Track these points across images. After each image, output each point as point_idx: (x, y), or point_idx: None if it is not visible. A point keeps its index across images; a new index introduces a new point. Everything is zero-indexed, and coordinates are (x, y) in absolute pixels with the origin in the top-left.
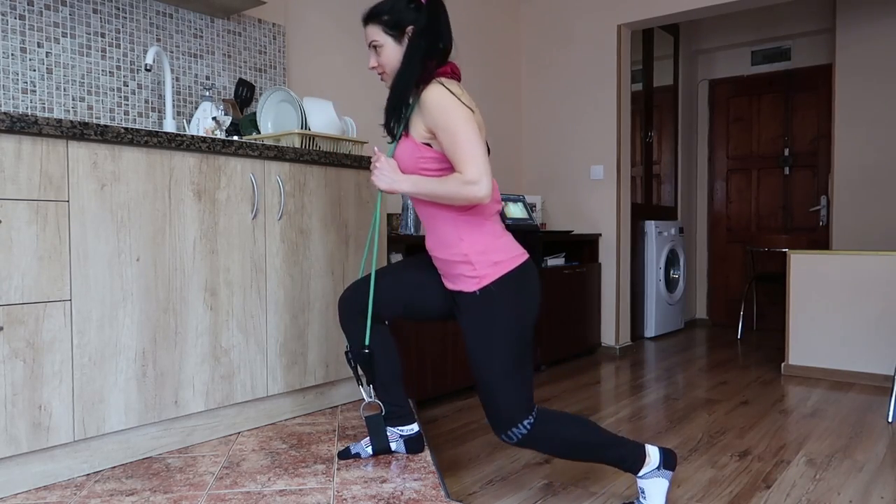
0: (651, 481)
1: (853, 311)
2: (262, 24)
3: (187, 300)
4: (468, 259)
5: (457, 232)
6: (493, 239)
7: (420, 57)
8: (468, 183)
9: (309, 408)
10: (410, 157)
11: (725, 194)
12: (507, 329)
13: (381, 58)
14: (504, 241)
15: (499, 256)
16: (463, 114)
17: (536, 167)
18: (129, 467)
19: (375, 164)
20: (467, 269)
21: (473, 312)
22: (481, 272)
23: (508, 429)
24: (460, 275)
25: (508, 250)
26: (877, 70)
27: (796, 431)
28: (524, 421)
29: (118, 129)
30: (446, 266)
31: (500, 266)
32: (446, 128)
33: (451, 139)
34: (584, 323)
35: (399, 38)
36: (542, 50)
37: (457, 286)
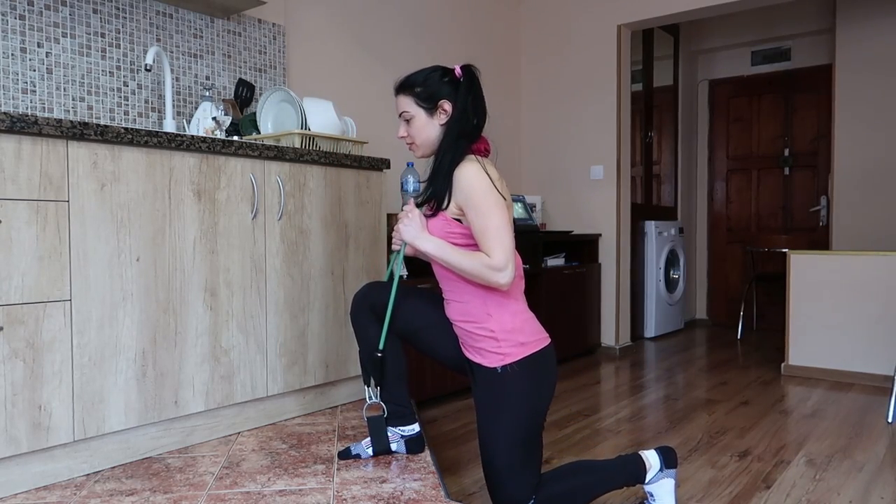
0: (657, 485)
1: (853, 311)
2: (262, 24)
3: (187, 300)
4: (495, 336)
5: (485, 308)
6: (521, 320)
7: (460, 136)
8: (493, 269)
9: (309, 408)
10: (440, 230)
11: (725, 194)
12: (522, 410)
13: (411, 129)
14: (531, 322)
15: (525, 338)
16: (495, 198)
17: (536, 167)
18: (129, 467)
19: (407, 215)
20: (492, 344)
21: (491, 388)
22: (506, 350)
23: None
24: (483, 349)
25: (534, 332)
26: (877, 70)
27: (796, 431)
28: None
29: (118, 129)
30: (469, 338)
31: (526, 347)
32: (478, 209)
33: (482, 222)
34: (584, 323)
35: (431, 112)
36: (542, 50)
37: (476, 358)
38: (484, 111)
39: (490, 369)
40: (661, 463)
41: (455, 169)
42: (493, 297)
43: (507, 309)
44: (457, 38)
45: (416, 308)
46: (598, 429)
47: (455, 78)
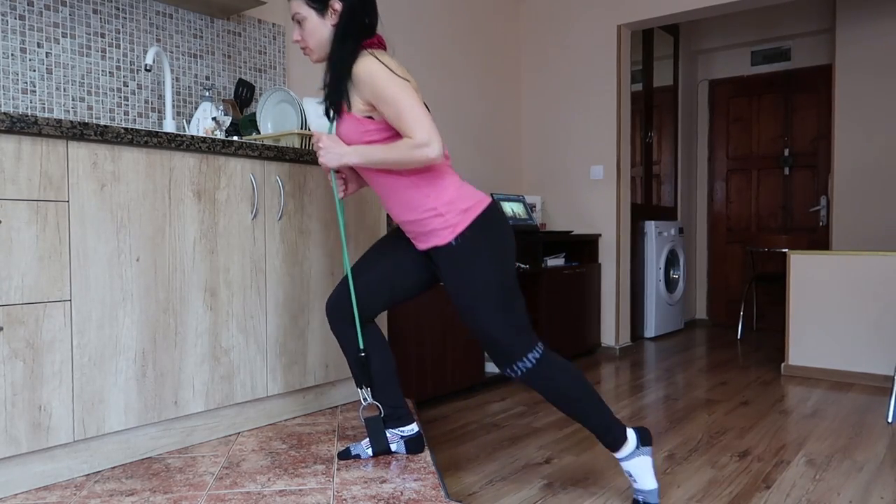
0: (634, 462)
1: (853, 311)
2: (261, 25)
3: (187, 300)
4: (438, 212)
5: (420, 191)
6: (456, 188)
7: (351, 35)
8: (419, 146)
9: (309, 408)
10: (356, 132)
11: (725, 194)
12: (489, 270)
13: (304, 31)
14: (466, 188)
15: (466, 203)
16: (398, 82)
17: (536, 167)
18: (129, 467)
19: (318, 145)
20: (439, 221)
21: (453, 262)
22: (453, 221)
23: (513, 363)
24: (433, 230)
25: (473, 196)
26: (877, 70)
27: (796, 432)
28: (528, 355)
29: (118, 130)
30: (417, 226)
31: (470, 212)
32: (385, 98)
33: (393, 109)
34: (584, 323)
35: (322, 12)
36: (541, 50)
37: (431, 243)
38: (375, 10)
39: (445, 246)
40: (637, 441)
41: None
42: (424, 181)
43: (441, 184)
44: (457, 38)
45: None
46: None
47: None
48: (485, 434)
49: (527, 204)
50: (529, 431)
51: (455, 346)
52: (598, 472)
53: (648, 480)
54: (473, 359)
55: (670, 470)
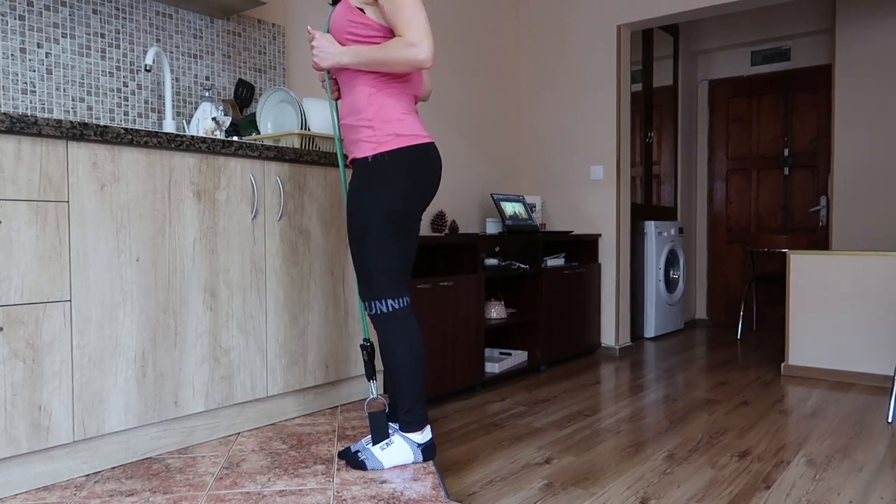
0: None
1: (853, 311)
2: (261, 25)
3: (187, 301)
4: (371, 124)
5: (368, 98)
6: (401, 113)
7: None
8: (410, 45)
9: (309, 408)
10: (342, 19)
11: (725, 194)
12: (390, 202)
13: None
14: (411, 118)
15: (401, 130)
16: None
17: (536, 167)
18: (129, 468)
19: (312, 44)
20: (367, 133)
21: (362, 180)
22: (380, 139)
23: (373, 299)
24: (359, 140)
25: (413, 128)
26: (877, 70)
27: (796, 432)
28: (389, 300)
29: (118, 130)
30: (351, 132)
31: (400, 139)
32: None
33: (391, 4)
34: (584, 323)
35: None
36: (541, 50)
37: (353, 153)
38: None
39: (362, 159)
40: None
41: None
42: (379, 90)
43: (390, 102)
44: (456, 38)
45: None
46: (598, 429)
47: None
48: (485, 434)
49: (527, 204)
50: (529, 431)
51: (455, 346)
52: (598, 472)
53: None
54: (473, 359)
55: (670, 470)
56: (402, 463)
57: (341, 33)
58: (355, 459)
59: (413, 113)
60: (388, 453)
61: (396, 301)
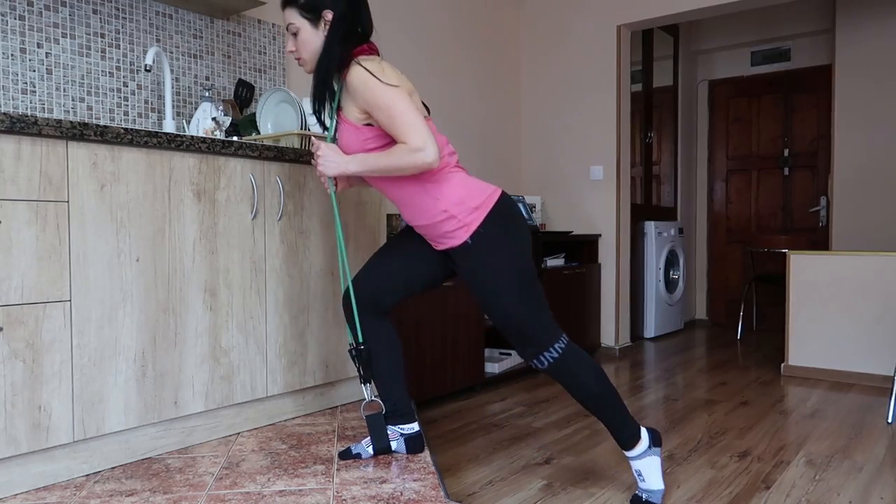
0: (644, 461)
1: (853, 311)
2: (261, 25)
3: (187, 301)
4: (450, 214)
5: (429, 195)
6: (465, 187)
7: (339, 42)
8: (413, 151)
9: (309, 408)
10: (356, 140)
11: (725, 195)
12: (507, 264)
13: (297, 42)
14: (475, 184)
15: (476, 201)
16: (389, 88)
17: (536, 168)
18: (129, 468)
19: (317, 154)
20: (452, 223)
21: (471, 261)
22: (466, 220)
23: (539, 354)
24: (446, 232)
25: (483, 192)
26: (877, 70)
27: (796, 432)
28: (554, 345)
29: (118, 130)
30: (431, 230)
31: (482, 209)
32: (379, 105)
33: (386, 115)
34: (584, 323)
35: (315, 23)
36: (541, 50)
37: (446, 244)
38: (369, 20)
39: (461, 245)
40: (649, 440)
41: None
42: (432, 184)
43: (448, 184)
44: (456, 38)
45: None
46: (597, 429)
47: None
48: (485, 434)
49: (527, 204)
50: (529, 431)
51: (455, 346)
52: (598, 472)
53: (656, 480)
54: (473, 359)
55: (670, 470)
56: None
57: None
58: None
59: (465, 174)
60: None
61: (559, 343)
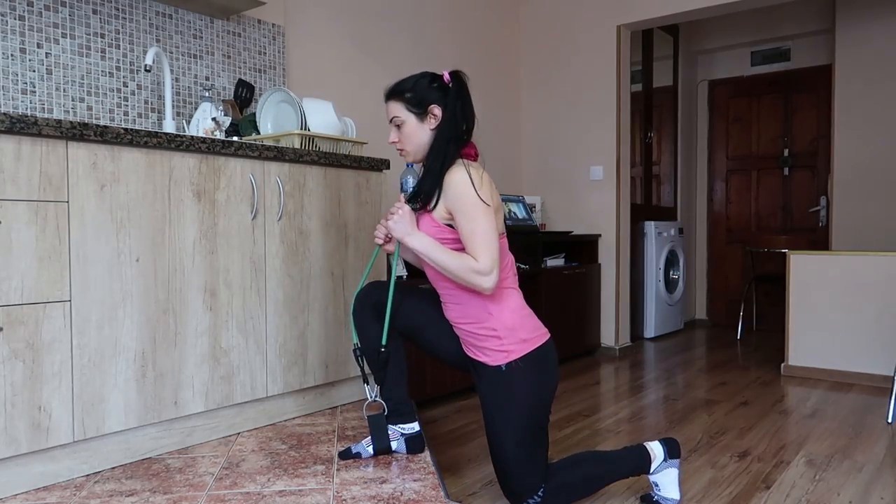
0: (661, 474)
1: (853, 311)
2: (261, 25)
3: (187, 301)
4: (497, 334)
5: (484, 306)
6: (521, 316)
7: (452, 142)
8: (478, 272)
9: (309, 408)
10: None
11: (725, 195)
12: (528, 405)
13: (402, 134)
14: (531, 318)
15: (526, 334)
16: (481, 206)
17: (536, 167)
18: (129, 468)
19: (397, 210)
20: (495, 343)
21: (497, 385)
22: (509, 348)
23: (522, 501)
24: (487, 348)
25: (534, 328)
26: (876, 71)
27: (796, 432)
28: (538, 491)
29: (118, 130)
30: (472, 338)
31: (528, 343)
32: (466, 213)
33: (470, 226)
34: (584, 323)
35: (422, 117)
36: (541, 51)
37: (480, 358)
38: (473, 115)
39: (495, 367)
40: (664, 453)
41: (445, 173)
42: (491, 297)
43: (507, 306)
44: (456, 38)
45: (416, 306)
46: (597, 429)
47: (444, 83)
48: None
49: (527, 204)
50: None
51: None
52: None
53: (672, 491)
54: None
55: None
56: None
57: None
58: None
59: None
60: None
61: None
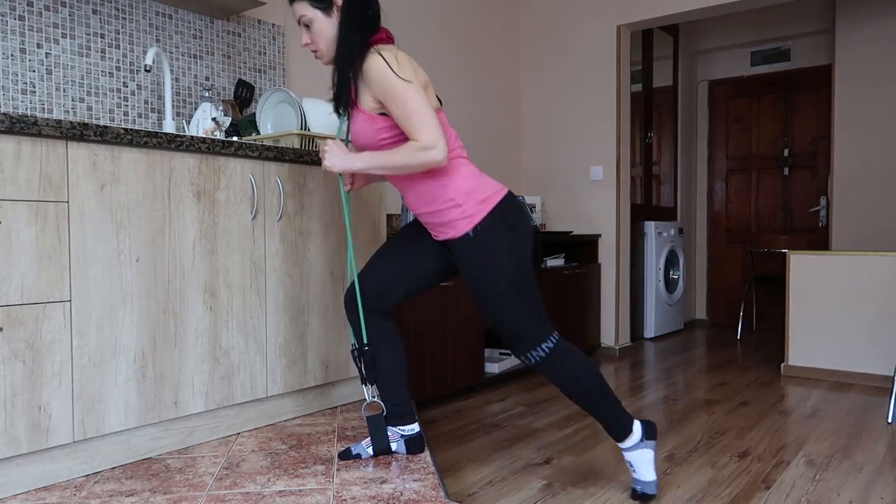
0: (637, 453)
1: (853, 311)
2: (261, 25)
3: (187, 301)
4: (457, 202)
5: (439, 182)
6: (474, 179)
7: (356, 28)
8: (424, 148)
9: (309, 408)
10: (369, 129)
11: (725, 195)
12: (506, 260)
13: (312, 34)
14: (484, 179)
15: (484, 194)
16: (404, 84)
17: (536, 168)
18: (129, 468)
19: (324, 148)
20: (457, 212)
21: (471, 253)
22: (470, 211)
23: (529, 350)
24: (451, 221)
25: (490, 187)
26: (876, 71)
27: (796, 432)
28: (543, 344)
29: (118, 130)
30: (436, 217)
31: (488, 202)
32: (394, 97)
33: (401, 108)
34: (584, 323)
35: (327, 11)
36: (541, 51)
37: (448, 234)
38: (377, 3)
39: (463, 237)
40: (642, 434)
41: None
42: (442, 172)
43: (459, 174)
44: (456, 38)
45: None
46: (597, 429)
47: None
48: (485, 434)
49: (527, 204)
50: (529, 432)
51: (455, 346)
52: (597, 472)
53: (647, 472)
54: (473, 359)
55: (670, 470)
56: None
57: (375, 144)
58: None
59: (476, 168)
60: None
61: (548, 342)
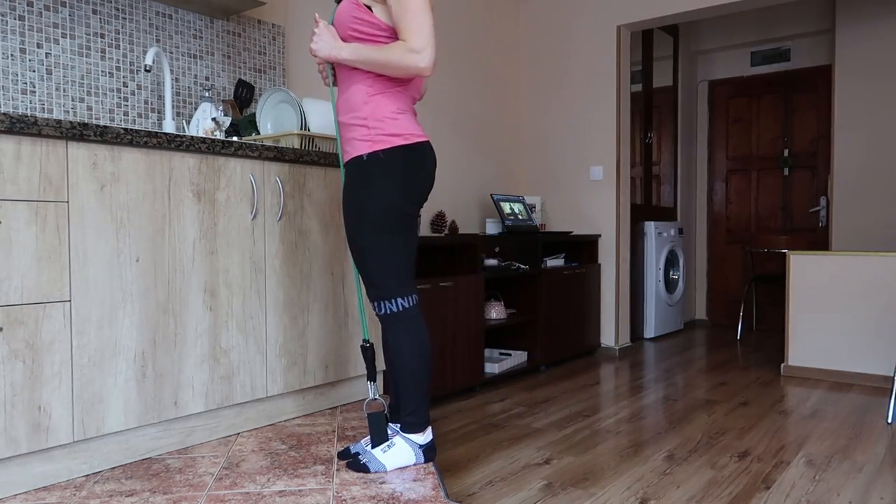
0: (404, 445)
1: (853, 311)
2: (261, 25)
3: (187, 301)
4: (366, 123)
5: (365, 97)
6: (396, 112)
7: None
8: (412, 51)
9: (308, 409)
10: (347, 14)
11: (725, 195)
12: (386, 199)
13: None
14: (407, 117)
15: (396, 129)
16: None
17: (536, 168)
18: (129, 468)
19: (314, 30)
20: (362, 132)
21: (357, 178)
22: (374, 137)
23: (382, 299)
24: (353, 139)
25: (408, 127)
26: (876, 71)
27: (796, 432)
28: (398, 298)
29: (118, 130)
30: (346, 130)
31: (395, 138)
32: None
33: (400, 5)
34: (584, 324)
35: None
36: (541, 51)
37: (349, 153)
38: None
39: (356, 158)
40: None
41: None
42: (376, 90)
43: (386, 100)
44: (456, 38)
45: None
46: (597, 429)
47: None
48: (485, 434)
49: (527, 204)
50: (529, 432)
51: (455, 347)
52: (597, 472)
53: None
54: (473, 359)
55: (670, 470)
56: (405, 465)
57: (345, 29)
58: (357, 462)
59: (409, 112)
60: (391, 455)
61: (406, 300)
